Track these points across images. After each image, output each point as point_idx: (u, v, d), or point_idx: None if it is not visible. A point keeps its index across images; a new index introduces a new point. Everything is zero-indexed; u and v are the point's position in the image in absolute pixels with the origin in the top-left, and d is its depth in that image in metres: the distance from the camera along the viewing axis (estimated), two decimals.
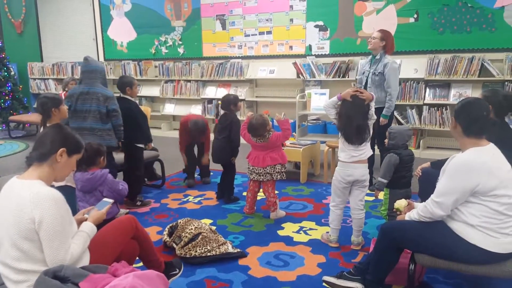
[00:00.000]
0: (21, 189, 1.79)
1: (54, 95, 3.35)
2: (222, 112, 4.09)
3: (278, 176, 3.65)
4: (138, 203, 4.00)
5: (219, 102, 4.14)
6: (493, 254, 2.03)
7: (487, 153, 2.08)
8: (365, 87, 4.28)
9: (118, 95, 4.02)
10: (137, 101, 4.36)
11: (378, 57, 4.17)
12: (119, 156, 4.09)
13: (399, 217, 2.40)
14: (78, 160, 3.02)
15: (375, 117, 3.00)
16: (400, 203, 2.49)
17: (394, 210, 2.55)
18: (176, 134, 4.94)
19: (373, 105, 2.98)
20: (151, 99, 8.18)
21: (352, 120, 2.88)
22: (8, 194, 1.83)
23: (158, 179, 4.75)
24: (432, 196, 2.15)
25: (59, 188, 3.01)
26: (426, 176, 3.07)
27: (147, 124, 4.13)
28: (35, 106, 9.33)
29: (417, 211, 2.22)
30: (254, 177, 3.68)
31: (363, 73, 4.34)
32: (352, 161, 2.95)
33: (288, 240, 3.23)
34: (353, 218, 3.08)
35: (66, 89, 6.54)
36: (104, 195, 3.04)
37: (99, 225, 2.12)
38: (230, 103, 4.02)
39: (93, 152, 3.13)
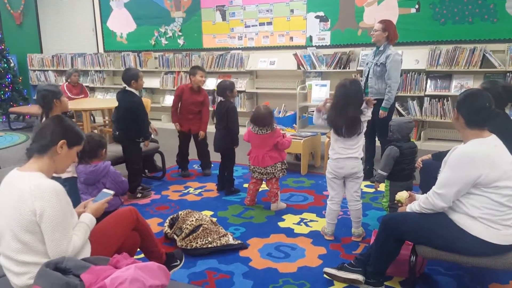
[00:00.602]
0: (21, 181, 1.78)
1: (55, 87, 3.32)
2: (218, 99, 4.07)
3: (281, 174, 3.66)
4: (139, 195, 4.00)
5: (215, 88, 4.12)
6: (495, 246, 2.03)
7: (489, 144, 2.07)
8: (367, 78, 4.27)
9: (123, 87, 4.02)
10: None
11: (381, 48, 4.15)
12: (117, 149, 4.08)
13: (400, 208, 2.40)
14: (81, 152, 3.02)
15: (369, 115, 2.94)
16: (401, 195, 2.50)
17: (396, 202, 2.55)
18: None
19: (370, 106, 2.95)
20: (151, 91, 8.16)
21: (342, 112, 2.83)
22: (8, 186, 1.82)
23: (158, 170, 4.75)
24: (433, 187, 2.14)
25: (66, 179, 3.05)
26: (427, 168, 3.06)
27: (147, 120, 4.05)
28: (35, 97, 9.35)
29: (418, 203, 2.21)
30: (257, 176, 3.68)
31: (367, 64, 4.32)
32: (339, 157, 2.93)
33: (289, 232, 3.24)
34: (350, 210, 3.08)
35: (69, 80, 6.55)
36: (107, 187, 3.04)
37: (100, 217, 2.12)
38: (226, 89, 3.99)
39: (95, 144, 3.13)
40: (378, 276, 2.38)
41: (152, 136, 4.32)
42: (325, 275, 2.53)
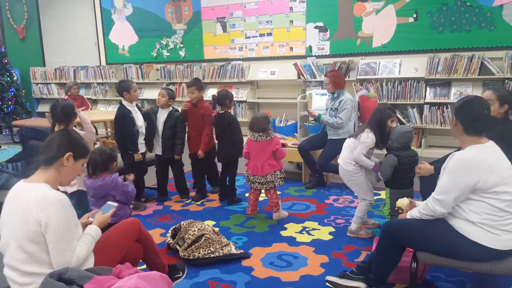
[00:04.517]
0: (27, 192, 1.81)
1: (71, 102, 3.47)
2: (218, 108, 4.09)
3: (280, 182, 3.67)
4: (130, 206, 3.95)
5: (216, 94, 4.10)
6: (494, 251, 2.04)
7: (487, 150, 2.09)
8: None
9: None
10: (138, 104, 4.32)
11: (335, 95, 4.39)
12: (119, 160, 4.11)
13: (401, 215, 2.42)
14: (93, 166, 3.05)
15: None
16: (402, 202, 2.51)
17: (396, 208, 2.56)
18: None
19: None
20: (153, 102, 8.21)
21: None
22: (14, 197, 1.85)
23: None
24: (433, 193, 2.16)
25: (73, 193, 3.08)
26: (427, 176, 3.08)
27: (132, 132, 3.94)
28: (38, 110, 9.43)
29: (418, 209, 2.23)
30: (256, 187, 3.67)
31: (326, 109, 4.53)
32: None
33: (291, 241, 3.25)
34: None
35: (69, 93, 6.61)
36: (116, 199, 3.02)
37: (104, 228, 2.14)
38: (226, 98, 4.03)
39: (106, 157, 3.09)
40: (380, 283, 2.39)
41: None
42: (327, 283, 2.54)
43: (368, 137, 3.10)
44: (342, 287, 2.45)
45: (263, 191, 3.75)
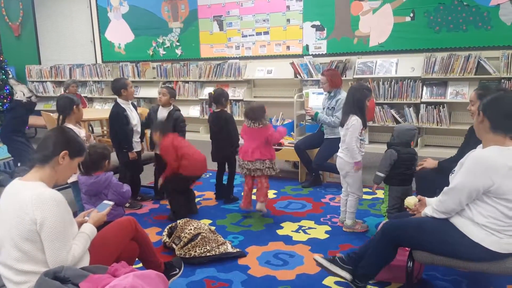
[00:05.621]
0: (23, 190, 1.80)
1: (73, 96, 3.68)
2: (214, 106, 4.08)
3: (269, 171, 3.57)
4: (127, 204, 3.91)
5: (213, 92, 4.09)
6: (494, 253, 2.02)
7: (509, 154, 2.00)
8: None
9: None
10: (134, 103, 4.29)
11: (332, 94, 4.38)
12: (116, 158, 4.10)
13: (417, 215, 2.35)
14: (85, 165, 3.06)
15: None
16: (409, 201, 2.47)
17: (405, 207, 2.53)
18: None
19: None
20: (149, 101, 8.19)
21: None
22: (10, 196, 1.84)
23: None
24: (445, 188, 2.12)
25: (71, 184, 3.10)
26: (423, 173, 3.09)
27: (126, 131, 3.92)
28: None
29: (432, 207, 2.19)
30: (245, 172, 3.63)
31: (323, 108, 4.52)
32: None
33: (287, 239, 3.24)
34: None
35: (67, 91, 6.58)
36: (108, 198, 2.99)
37: (99, 227, 2.13)
38: (222, 96, 4.02)
39: (98, 156, 3.06)
40: (367, 279, 2.38)
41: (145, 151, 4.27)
42: (315, 261, 2.51)
43: (353, 119, 3.15)
44: (329, 271, 2.44)
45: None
